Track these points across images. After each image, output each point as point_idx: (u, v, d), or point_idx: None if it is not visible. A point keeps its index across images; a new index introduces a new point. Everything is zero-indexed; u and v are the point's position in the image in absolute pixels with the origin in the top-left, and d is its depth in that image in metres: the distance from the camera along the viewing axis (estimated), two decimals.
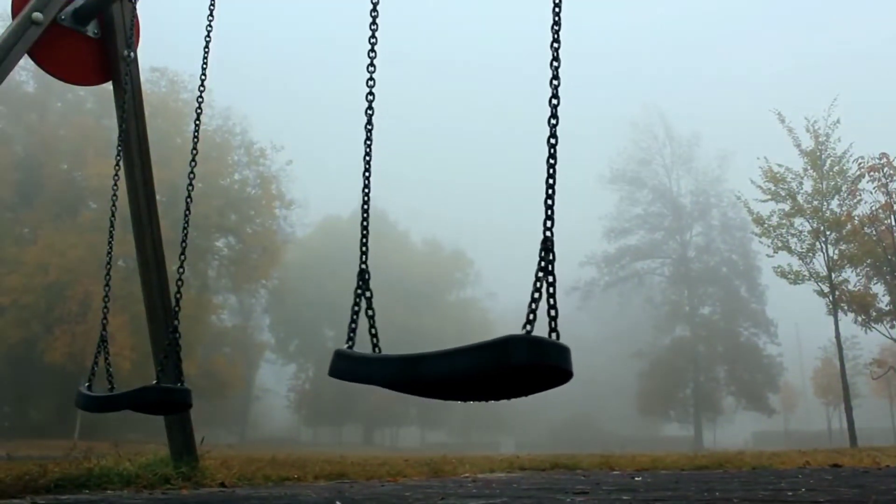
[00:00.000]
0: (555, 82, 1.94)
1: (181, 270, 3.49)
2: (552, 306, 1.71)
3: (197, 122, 3.76)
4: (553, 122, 1.92)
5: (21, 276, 30.17)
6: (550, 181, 1.86)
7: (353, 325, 2.13)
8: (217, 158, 36.82)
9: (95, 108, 35.26)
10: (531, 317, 1.68)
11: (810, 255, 22.12)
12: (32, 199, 33.29)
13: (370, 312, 2.17)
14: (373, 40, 2.50)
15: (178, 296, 3.47)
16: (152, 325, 4.37)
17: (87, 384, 3.57)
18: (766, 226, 22.82)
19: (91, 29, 4.33)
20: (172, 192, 28.37)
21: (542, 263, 1.75)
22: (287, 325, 55.40)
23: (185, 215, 3.59)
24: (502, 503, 2.97)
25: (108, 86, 4.56)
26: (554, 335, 1.70)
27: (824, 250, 21.99)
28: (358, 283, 2.18)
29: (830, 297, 21.66)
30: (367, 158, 2.44)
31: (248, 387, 49.80)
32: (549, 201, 1.84)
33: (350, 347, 2.07)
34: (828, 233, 21.94)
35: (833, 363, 40.33)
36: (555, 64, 1.96)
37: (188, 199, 3.56)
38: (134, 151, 4.40)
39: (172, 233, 4.70)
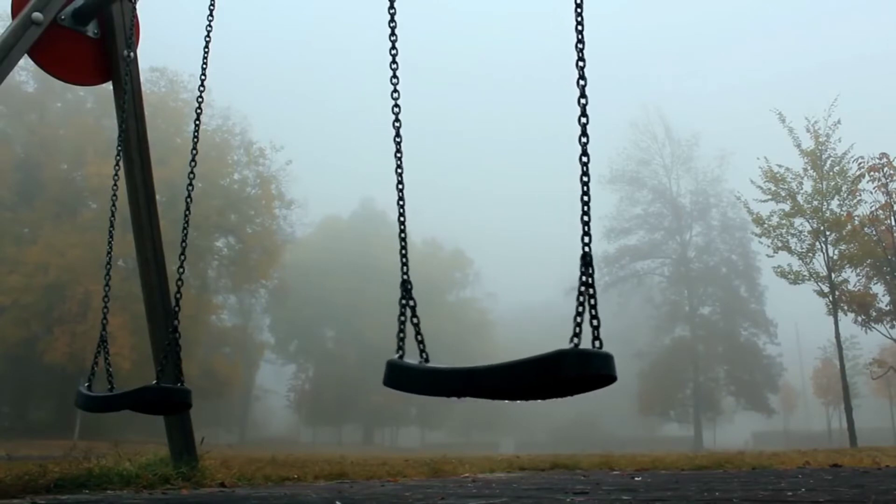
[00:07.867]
0: (582, 100, 1.93)
1: (181, 270, 3.48)
2: (594, 316, 1.79)
3: (197, 122, 3.75)
4: (584, 140, 1.91)
5: (21, 276, 30.17)
6: (585, 198, 1.87)
7: (402, 335, 2.17)
8: (216, 158, 36.85)
9: (95, 108, 35.28)
10: (577, 330, 1.78)
11: (810, 255, 22.12)
12: (32, 199, 33.27)
13: (415, 320, 2.21)
14: (393, 52, 2.50)
15: (178, 296, 3.46)
16: (152, 325, 4.36)
17: (87, 384, 3.56)
18: (765, 226, 22.82)
19: (91, 29, 4.33)
20: (172, 192, 28.36)
21: (584, 278, 1.82)
22: (287, 325, 55.37)
23: (185, 215, 3.57)
24: (502, 503, 2.97)
25: (108, 86, 4.56)
26: (597, 343, 1.79)
27: (824, 250, 22.00)
28: (402, 293, 2.22)
29: (830, 297, 21.65)
30: (399, 171, 2.41)
31: (248, 387, 49.78)
32: (586, 217, 1.86)
33: (401, 357, 2.11)
34: (828, 233, 21.94)
35: (833, 363, 40.36)
36: (581, 83, 1.94)
37: (188, 199, 3.54)
38: (134, 151, 4.40)
39: (172, 233, 4.69)
